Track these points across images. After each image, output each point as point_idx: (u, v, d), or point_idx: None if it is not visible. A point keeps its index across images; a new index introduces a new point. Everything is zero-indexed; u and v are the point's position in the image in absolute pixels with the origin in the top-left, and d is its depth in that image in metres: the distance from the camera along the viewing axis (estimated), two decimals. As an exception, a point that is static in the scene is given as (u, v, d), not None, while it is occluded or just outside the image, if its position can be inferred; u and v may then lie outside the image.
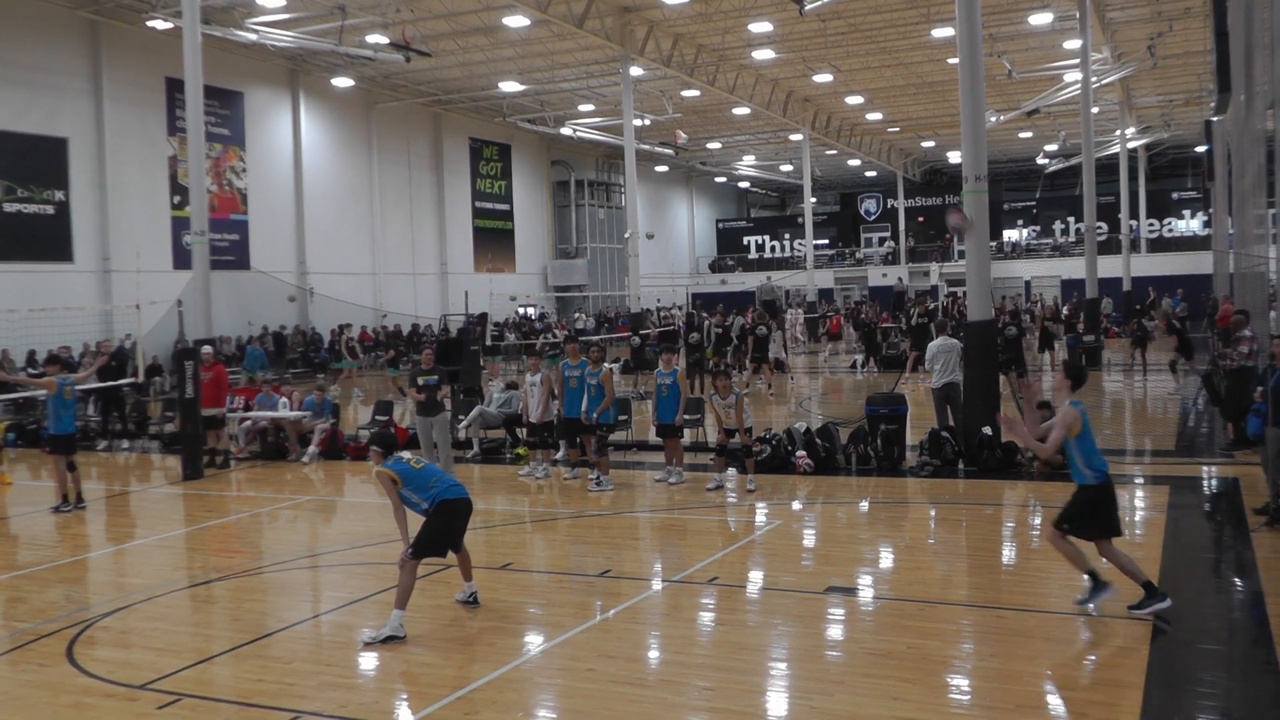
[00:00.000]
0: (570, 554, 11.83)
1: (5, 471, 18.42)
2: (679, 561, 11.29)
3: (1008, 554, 11.44)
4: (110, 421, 22.86)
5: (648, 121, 47.40)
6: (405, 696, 7.62)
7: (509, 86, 43.73)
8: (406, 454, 9.17)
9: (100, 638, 9.16)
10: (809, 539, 10.42)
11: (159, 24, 32.64)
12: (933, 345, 17.45)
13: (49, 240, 33.11)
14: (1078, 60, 33.39)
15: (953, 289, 56.69)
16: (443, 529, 8.91)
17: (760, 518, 13.21)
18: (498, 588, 10.02)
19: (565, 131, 50.55)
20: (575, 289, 59.62)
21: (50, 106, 33.17)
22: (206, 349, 18.80)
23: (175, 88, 35.01)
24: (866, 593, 9.84)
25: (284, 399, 19.94)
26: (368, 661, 8.27)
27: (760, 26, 36.66)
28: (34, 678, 8.22)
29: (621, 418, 17.60)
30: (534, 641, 8.67)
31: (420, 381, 15.81)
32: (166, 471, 18.79)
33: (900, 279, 63.99)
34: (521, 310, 50.97)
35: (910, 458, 16.01)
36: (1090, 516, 8.51)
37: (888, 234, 71.84)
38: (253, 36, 32.27)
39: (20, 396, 23.93)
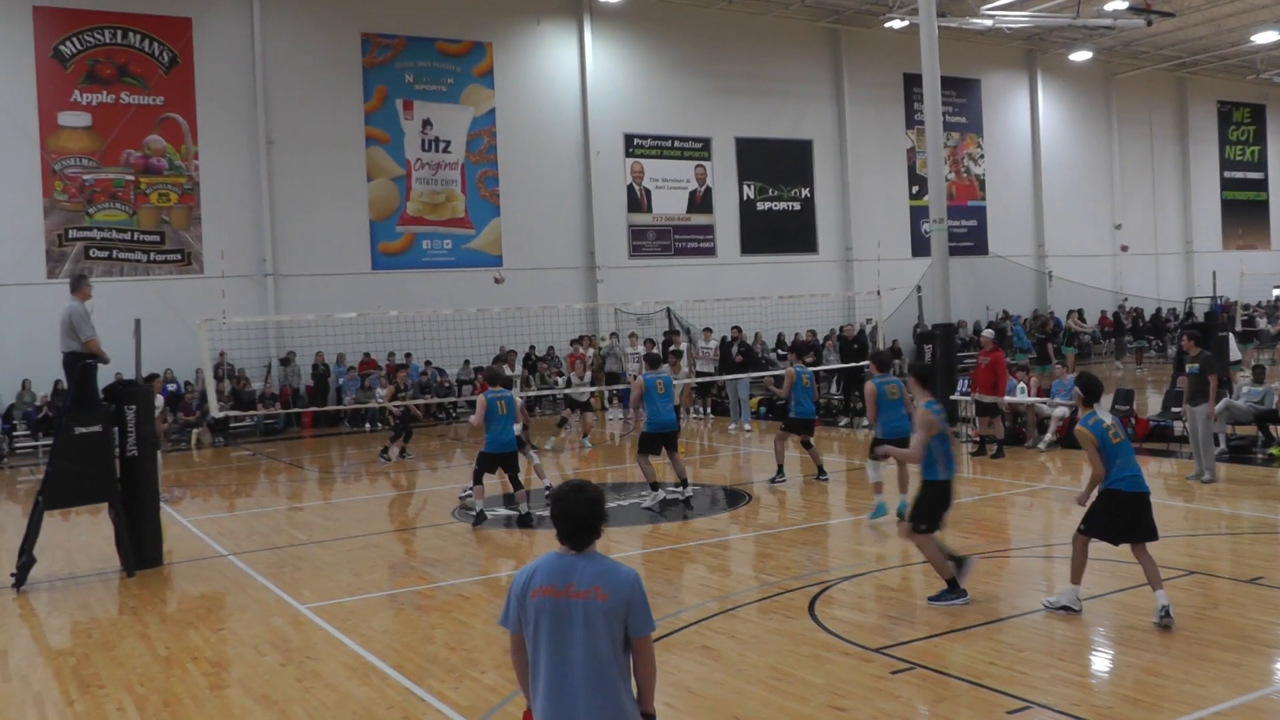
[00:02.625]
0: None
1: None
2: None
3: None
4: (851, 400, 24.14)
5: None
6: (1139, 706, 6.99)
7: (1263, 38, 39.09)
8: (1108, 419, 8.70)
9: (839, 599, 9.65)
10: None
11: (895, 24, 34.12)
12: None
13: (796, 234, 36.19)
14: None
15: None
16: (1108, 516, 8.56)
17: None
18: (1245, 603, 8.97)
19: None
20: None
21: (796, 113, 36.16)
22: (988, 332, 18.89)
23: (913, 82, 36.21)
24: None
25: (1021, 384, 19.51)
26: (1101, 662, 7.88)
27: None
28: (779, 627, 8.90)
29: None
30: (1288, 669, 7.65)
31: (1186, 369, 14.76)
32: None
33: None
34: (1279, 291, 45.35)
35: None
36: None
37: None
38: (988, 23, 32.33)
39: (769, 375, 26.10)
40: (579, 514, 4.39)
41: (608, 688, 4.31)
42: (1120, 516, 8.50)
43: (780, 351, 31.27)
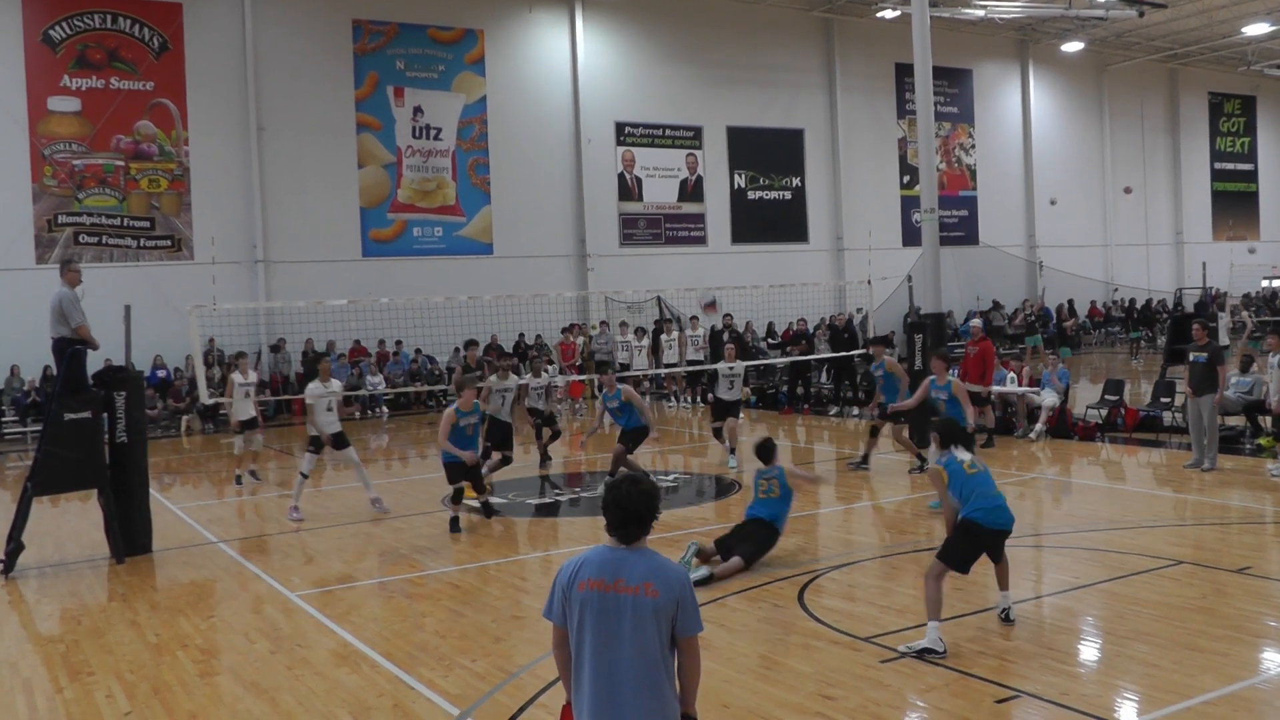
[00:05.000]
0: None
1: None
2: None
3: None
4: (841, 389, 24.19)
5: None
6: (1128, 695, 7.06)
7: (1254, 30, 39.19)
8: (966, 456, 8.29)
9: (828, 588, 9.68)
10: None
11: (887, 14, 34.14)
12: None
13: (787, 223, 36.24)
14: None
15: None
16: (964, 548, 8.11)
17: None
18: (1233, 594, 9.00)
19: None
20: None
21: (788, 102, 36.18)
22: (975, 322, 18.88)
23: (904, 72, 36.21)
24: None
25: (1011, 374, 19.49)
26: (1089, 652, 7.91)
27: None
28: (768, 615, 8.94)
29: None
30: (1273, 659, 7.67)
31: (1190, 358, 14.79)
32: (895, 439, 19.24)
33: None
34: (1269, 283, 45.47)
35: None
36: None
37: None
38: (980, 13, 32.40)
39: (762, 364, 26.27)
40: (631, 505, 4.31)
41: (654, 686, 4.26)
42: (978, 546, 8.18)
43: (769, 341, 31.33)
